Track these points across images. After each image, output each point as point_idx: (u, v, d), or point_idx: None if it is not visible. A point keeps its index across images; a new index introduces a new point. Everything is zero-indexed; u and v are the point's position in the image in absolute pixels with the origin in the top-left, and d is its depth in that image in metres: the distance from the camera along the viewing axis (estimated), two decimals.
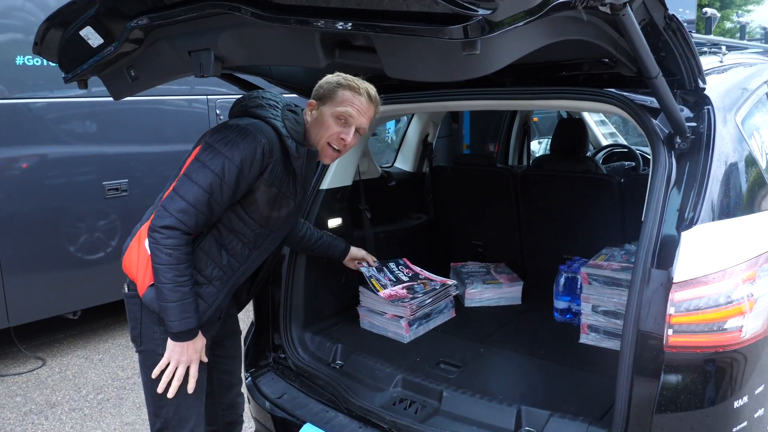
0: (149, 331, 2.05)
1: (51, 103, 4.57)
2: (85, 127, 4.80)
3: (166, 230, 1.86)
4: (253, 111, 2.03)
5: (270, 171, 1.98)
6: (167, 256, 1.86)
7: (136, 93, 2.02)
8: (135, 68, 1.85)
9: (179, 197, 1.89)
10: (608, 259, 2.73)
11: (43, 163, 4.58)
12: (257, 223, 2.06)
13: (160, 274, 1.88)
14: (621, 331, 2.55)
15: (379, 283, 2.89)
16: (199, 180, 1.89)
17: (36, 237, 4.52)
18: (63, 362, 4.75)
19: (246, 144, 1.90)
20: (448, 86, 2.60)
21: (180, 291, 1.89)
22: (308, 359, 2.79)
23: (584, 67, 2.22)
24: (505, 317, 3.09)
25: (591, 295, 2.67)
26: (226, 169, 1.89)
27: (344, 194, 3.11)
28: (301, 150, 2.02)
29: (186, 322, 1.93)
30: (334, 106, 2.05)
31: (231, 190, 1.92)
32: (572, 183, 3.38)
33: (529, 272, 3.62)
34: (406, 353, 2.73)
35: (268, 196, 2.02)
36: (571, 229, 3.42)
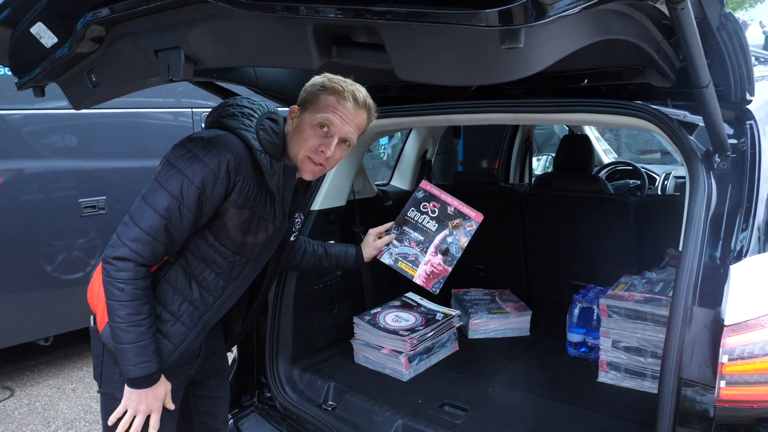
0: (109, 372, 1.82)
1: (26, 115, 4.28)
2: (62, 141, 4.52)
3: (118, 261, 1.61)
4: (223, 122, 1.76)
5: (238, 191, 1.70)
6: (119, 291, 1.61)
7: (99, 102, 1.76)
8: (96, 72, 1.58)
9: (133, 224, 1.64)
10: (628, 289, 2.48)
11: (13, 178, 4.28)
12: (230, 250, 1.78)
13: (113, 312, 1.63)
14: (645, 369, 2.37)
15: (407, 260, 2.34)
16: (155, 203, 1.63)
17: (4, 257, 4.20)
18: (33, 392, 4.42)
19: (208, 160, 1.63)
20: (454, 97, 2.36)
21: (135, 331, 1.63)
22: (297, 399, 2.51)
23: (608, 76, 1.98)
24: (513, 351, 2.83)
25: (611, 329, 2.42)
26: (184, 190, 1.62)
27: (337, 215, 2.85)
28: (276, 166, 1.73)
29: (142, 367, 1.66)
30: (315, 113, 1.76)
31: (192, 215, 1.65)
32: (583, 204, 3.14)
33: (535, 300, 3.36)
34: (406, 393, 2.46)
35: (240, 219, 1.74)
36: (581, 254, 3.17)
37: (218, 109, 1.80)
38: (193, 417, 2.11)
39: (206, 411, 2.14)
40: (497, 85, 2.26)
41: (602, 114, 1.94)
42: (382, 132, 2.83)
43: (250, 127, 1.73)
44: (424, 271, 2.30)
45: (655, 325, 2.31)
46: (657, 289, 2.44)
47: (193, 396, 2.07)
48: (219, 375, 2.15)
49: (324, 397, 2.50)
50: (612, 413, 2.21)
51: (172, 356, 1.77)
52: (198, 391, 2.08)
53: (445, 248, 2.31)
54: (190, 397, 2.06)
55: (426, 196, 2.37)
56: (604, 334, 2.44)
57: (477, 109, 2.24)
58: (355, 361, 2.74)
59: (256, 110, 1.81)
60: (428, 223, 2.34)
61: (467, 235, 2.28)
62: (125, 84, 1.59)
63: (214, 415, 2.17)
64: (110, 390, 1.82)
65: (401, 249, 2.34)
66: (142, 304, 1.64)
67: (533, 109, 2.11)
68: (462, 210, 2.32)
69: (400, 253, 2.34)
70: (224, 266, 1.79)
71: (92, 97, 1.67)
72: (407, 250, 2.33)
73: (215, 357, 2.08)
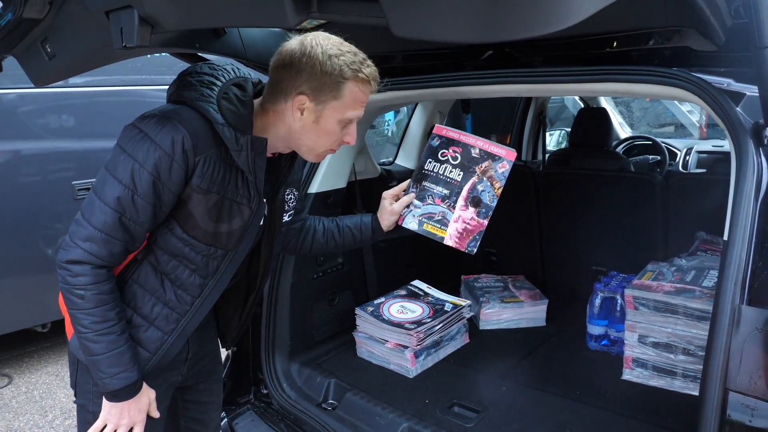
0: (83, 382, 1.62)
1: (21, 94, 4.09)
2: (55, 121, 4.34)
3: (72, 266, 1.39)
4: (180, 93, 1.50)
5: (200, 173, 1.44)
6: (79, 299, 1.40)
7: (60, 77, 1.55)
8: (50, 43, 1.36)
9: (84, 221, 1.41)
10: (656, 278, 2.25)
11: (7, 160, 4.11)
12: (201, 242, 1.53)
13: (77, 322, 1.42)
14: (675, 367, 2.15)
15: (433, 221, 1.91)
16: (106, 196, 1.40)
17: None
18: (31, 380, 4.30)
19: (160, 140, 1.39)
20: (463, 68, 2.12)
21: (104, 340, 1.43)
22: (295, 398, 2.33)
23: (639, 40, 1.73)
24: (528, 344, 2.62)
25: (638, 323, 2.20)
26: (136, 177, 1.39)
27: (337, 198, 2.63)
28: (242, 140, 1.47)
29: (120, 378, 1.47)
30: (341, 110, 1.50)
31: (149, 205, 1.42)
32: (603, 182, 2.90)
33: (551, 287, 3.15)
34: (411, 392, 2.27)
35: (207, 205, 1.49)
36: (601, 237, 2.94)
37: (176, 80, 1.55)
38: (181, 423, 1.91)
39: (195, 417, 1.94)
40: (511, 53, 2.02)
41: (633, 83, 1.69)
42: (384, 107, 2.60)
43: (209, 98, 1.47)
44: (455, 230, 1.87)
45: (687, 319, 2.09)
46: (688, 278, 2.21)
47: (181, 401, 1.87)
48: (211, 379, 1.92)
49: (324, 395, 2.31)
50: (640, 417, 2.01)
51: (148, 364, 1.57)
52: (187, 396, 1.88)
53: (477, 198, 1.87)
54: (177, 402, 1.86)
55: (443, 142, 1.95)
56: (630, 328, 2.22)
57: (488, 80, 2.00)
58: (358, 356, 2.55)
59: (219, 77, 1.53)
60: (451, 173, 1.90)
61: (501, 179, 1.84)
62: (84, 55, 1.36)
63: (203, 422, 1.96)
64: (83, 401, 1.63)
65: (425, 208, 1.92)
66: (107, 310, 1.43)
67: (552, 78, 1.86)
68: (489, 150, 1.87)
69: (424, 213, 1.92)
70: (198, 261, 1.55)
71: (50, 71, 1.45)
72: (432, 208, 1.91)
73: (206, 360, 1.86)
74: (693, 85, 1.55)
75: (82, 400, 1.63)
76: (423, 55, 2.22)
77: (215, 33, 2.03)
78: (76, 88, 4.34)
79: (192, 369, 1.78)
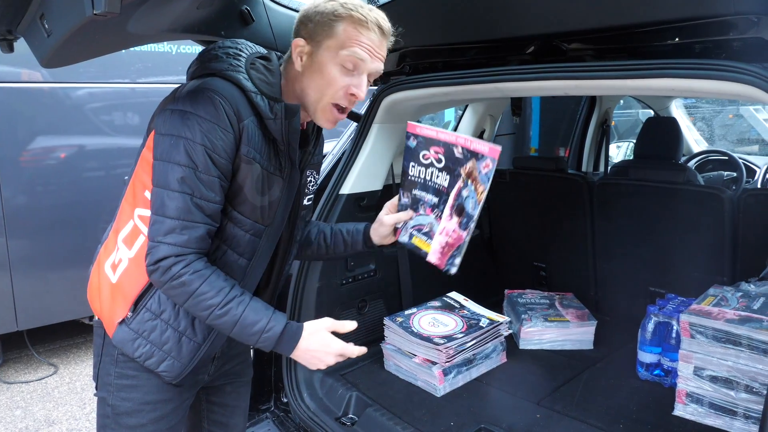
0: (104, 373, 1.58)
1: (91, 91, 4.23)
2: (115, 117, 4.44)
3: (161, 263, 1.35)
4: (206, 65, 1.46)
5: (246, 141, 1.40)
6: (180, 286, 1.36)
7: (67, 61, 1.49)
8: (47, 18, 1.29)
9: (159, 217, 1.36)
10: (718, 304, 2.00)
11: (57, 156, 4.22)
12: (248, 218, 1.48)
13: (196, 312, 1.40)
14: (736, 406, 1.89)
15: (422, 233, 1.68)
16: (169, 182, 1.35)
17: (56, 234, 4.17)
18: (75, 371, 4.38)
19: (203, 112, 1.34)
20: (508, 62, 1.95)
21: (228, 311, 1.38)
22: (314, 409, 2.21)
23: (705, 30, 1.51)
24: (571, 368, 2.39)
25: (694, 353, 1.95)
26: (192, 153, 1.34)
27: (371, 201, 2.49)
28: (276, 108, 1.44)
29: (268, 336, 1.41)
30: (336, 49, 1.43)
31: (215, 177, 1.37)
32: (665, 196, 2.64)
33: (602, 307, 2.90)
34: (437, 412, 2.10)
35: (254, 177, 1.44)
36: (661, 256, 2.68)
37: (199, 57, 1.50)
38: (203, 426, 1.84)
39: (219, 421, 1.85)
40: (558, 46, 1.84)
41: (696, 79, 1.48)
42: (424, 105, 2.44)
43: (238, 67, 1.44)
44: (439, 244, 1.63)
45: (752, 352, 1.83)
46: (756, 305, 1.95)
47: (205, 402, 1.81)
48: (239, 381, 1.85)
49: (344, 409, 2.17)
50: None
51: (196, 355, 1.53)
52: (212, 398, 1.81)
53: (461, 206, 1.60)
54: (202, 403, 1.80)
55: (420, 142, 1.69)
56: (685, 358, 1.97)
57: (532, 76, 1.82)
58: (385, 369, 2.40)
59: (242, 50, 1.50)
60: (438, 178, 1.65)
61: (484, 181, 1.54)
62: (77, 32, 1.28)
63: (227, 426, 1.87)
64: (103, 394, 1.58)
65: (416, 219, 1.70)
66: (214, 280, 1.38)
67: (601, 74, 1.67)
68: (471, 147, 1.57)
69: (416, 225, 1.70)
70: (244, 241, 1.50)
71: (49, 50, 1.38)
72: (423, 219, 1.69)
73: (235, 361, 1.79)
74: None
75: (102, 392, 1.59)
76: (463, 49, 2.07)
77: (243, 20, 1.95)
78: (139, 85, 4.44)
79: (220, 369, 1.72)
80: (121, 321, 1.50)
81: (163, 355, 1.50)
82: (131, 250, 1.48)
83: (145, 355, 1.50)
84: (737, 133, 9.92)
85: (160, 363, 1.51)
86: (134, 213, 1.47)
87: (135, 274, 1.47)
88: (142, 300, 1.49)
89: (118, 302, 1.51)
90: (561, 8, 1.74)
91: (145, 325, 1.49)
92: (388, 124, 2.42)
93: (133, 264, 1.47)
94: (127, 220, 1.49)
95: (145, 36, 1.70)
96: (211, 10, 1.82)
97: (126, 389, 1.56)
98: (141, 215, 1.46)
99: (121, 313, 1.50)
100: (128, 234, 1.48)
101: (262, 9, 1.99)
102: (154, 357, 1.50)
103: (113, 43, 1.54)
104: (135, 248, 1.47)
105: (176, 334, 1.50)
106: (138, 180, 1.48)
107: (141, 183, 1.46)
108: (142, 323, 1.49)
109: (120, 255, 1.50)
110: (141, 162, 1.48)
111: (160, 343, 1.49)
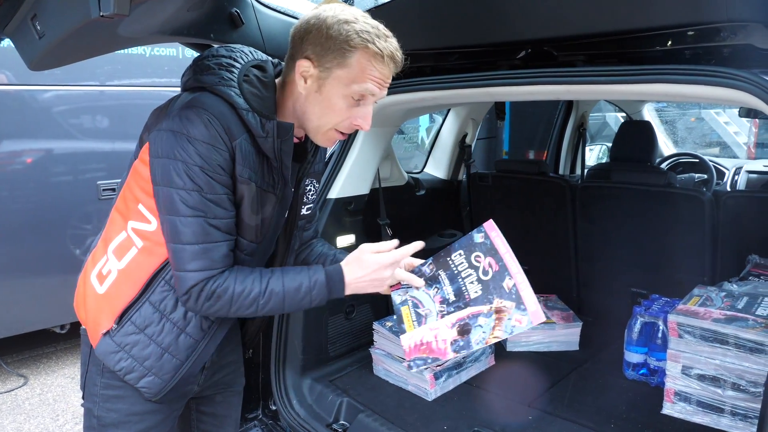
0: (90, 383, 1.54)
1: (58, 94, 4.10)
2: (84, 121, 4.32)
3: (193, 291, 1.34)
4: (198, 78, 1.40)
5: (240, 160, 1.35)
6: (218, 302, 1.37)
7: (54, 63, 1.44)
8: (39, 19, 1.25)
9: (179, 245, 1.33)
10: (704, 304, 2.04)
11: (23, 161, 4.08)
12: (244, 238, 1.45)
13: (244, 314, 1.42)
14: (723, 404, 1.93)
15: (416, 310, 1.54)
16: (178, 209, 1.31)
17: (22, 241, 4.02)
18: (46, 382, 4.24)
19: (195, 132, 1.29)
20: (498, 67, 1.96)
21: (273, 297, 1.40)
22: (304, 416, 2.18)
23: (694, 37, 1.55)
24: (559, 369, 2.41)
25: (682, 353, 1.99)
26: (193, 176, 1.30)
27: (359, 205, 2.48)
28: (268, 126, 1.38)
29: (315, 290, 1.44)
30: (347, 81, 1.35)
31: (222, 195, 1.34)
32: (647, 199, 2.69)
33: (585, 309, 2.95)
34: (430, 416, 2.09)
35: (250, 196, 1.40)
36: (643, 257, 2.73)
37: (192, 65, 1.44)
38: None
39: (209, 431, 1.81)
40: (549, 51, 1.85)
41: (693, 85, 1.51)
42: (412, 109, 2.44)
43: (230, 81, 1.36)
44: (421, 336, 1.49)
45: (739, 350, 1.87)
46: (740, 305, 2.00)
47: (195, 412, 1.76)
48: (230, 391, 1.81)
49: (335, 415, 2.16)
50: None
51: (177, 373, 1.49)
52: (202, 407, 1.77)
53: (468, 328, 1.47)
54: (192, 413, 1.76)
55: (487, 246, 1.54)
56: (673, 357, 2.01)
57: (523, 80, 1.83)
58: (374, 374, 2.39)
59: (237, 59, 1.43)
60: (471, 283, 1.51)
61: (507, 332, 1.42)
62: (72, 35, 1.24)
63: None
64: (89, 405, 1.55)
65: (421, 293, 1.55)
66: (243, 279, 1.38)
67: (595, 79, 1.69)
68: (522, 294, 1.43)
69: (416, 296, 1.56)
70: (237, 261, 1.45)
71: (42, 53, 1.34)
72: (426, 300, 1.54)
73: (226, 370, 1.75)
74: (760, 88, 1.36)
75: (88, 403, 1.55)
76: (454, 54, 2.08)
77: (232, 23, 1.92)
78: (109, 88, 4.33)
79: (210, 379, 1.68)
80: (105, 332, 1.47)
81: (143, 370, 1.47)
82: (121, 261, 1.44)
83: (126, 369, 1.47)
84: (699, 136, 10.22)
85: (140, 379, 1.48)
86: (127, 225, 1.43)
87: (124, 286, 1.44)
88: (128, 313, 1.46)
89: (103, 313, 1.47)
90: (552, 14, 1.76)
91: (128, 338, 1.46)
92: (375, 128, 2.41)
93: (123, 276, 1.44)
94: (119, 231, 1.45)
95: (135, 38, 1.67)
96: (201, 12, 1.79)
97: (112, 400, 1.52)
98: (135, 228, 1.42)
99: (106, 325, 1.47)
100: (119, 245, 1.44)
101: (251, 12, 1.96)
102: (135, 372, 1.47)
103: (102, 46, 1.51)
104: (126, 260, 1.43)
105: (159, 350, 1.47)
106: (130, 192, 1.43)
107: (133, 197, 1.42)
108: (126, 336, 1.46)
109: (109, 266, 1.46)
110: (133, 174, 1.43)
111: (142, 358, 1.46)
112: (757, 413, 1.86)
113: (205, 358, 1.55)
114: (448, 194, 3.36)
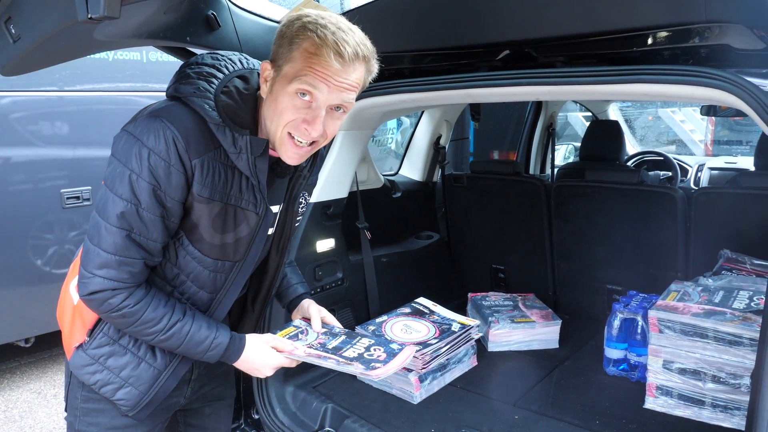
0: (72, 396, 1.52)
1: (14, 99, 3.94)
2: (43, 127, 4.17)
3: (96, 296, 1.29)
4: (177, 87, 1.33)
5: (199, 179, 1.28)
6: (121, 318, 1.33)
7: (29, 68, 1.38)
8: (14, 22, 1.20)
9: (94, 247, 1.28)
10: (682, 299, 2.09)
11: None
12: (207, 256, 1.38)
13: (140, 336, 1.39)
14: (704, 396, 1.97)
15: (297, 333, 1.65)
16: (109, 215, 1.26)
17: None
18: (11, 397, 4.09)
19: (152, 143, 1.23)
20: (477, 69, 1.97)
21: (174, 333, 1.36)
22: (288, 424, 2.14)
23: (677, 37, 1.58)
24: (541, 368, 2.44)
25: (663, 348, 2.02)
26: (135, 188, 1.24)
27: (337, 209, 2.46)
28: (240, 142, 1.29)
29: (213, 352, 1.42)
30: (291, 77, 1.24)
31: (157, 217, 1.27)
32: (620, 197, 2.74)
33: (562, 306, 2.98)
34: (416, 419, 2.09)
35: (211, 215, 1.33)
36: (617, 254, 2.78)
37: (177, 72, 1.39)
38: None
39: None
40: (529, 53, 1.87)
41: (667, 84, 1.54)
42: (390, 111, 2.43)
43: (206, 93, 1.29)
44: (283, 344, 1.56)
45: (718, 343, 1.92)
46: (717, 299, 2.05)
47: (183, 425, 1.73)
48: (219, 403, 1.77)
49: (320, 422, 2.13)
50: None
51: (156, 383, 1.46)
52: (190, 420, 1.73)
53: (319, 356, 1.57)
54: (179, 425, 1.72)
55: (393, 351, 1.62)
56: (654, 352, 2.04)
57: (504, 82, 1.84)
58: (358, 379, 2.36)
59: (222, 68, 1.35)
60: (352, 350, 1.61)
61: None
62: (50, 39, 1.19)
63: None
64: (71, 419, 1.52)
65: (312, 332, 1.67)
66: (155, 308, 1.34)
67: (576, 80, 1.70)
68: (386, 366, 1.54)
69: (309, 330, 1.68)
70: (205, 278, 1.41)
71: (17, 57, 1.28)
72: (312, 336, 1.65)
73: (215, 383, 1.70)
74: (738, 87, 1.39)
75: (70, 417, 1.53)
76: (433, 56, 2.07)
77: (209, 26, 1.88)
78: (70, 93, 4.20)
79: (198, 391, 1.64)
80: (78, 345, 1.44)
81: (120, 381, 1.43)
82: None
83: (102, 382, 1.44)
84: (657, 134, 10.50)
85: (116, 390, 1.44)
86: None
87: None
88: (99, 325, 1.43)
89: (76, 326, 1.45)
90: (532, 15, 1.77)
91: (102, 350, 1.43)
92: (353, 131, 2.40)
93: None
94: None
95: (110, 42, 1.62)
96: (177, 15, 1.75)
97: (92, 414, 1.49)
98: None
99: (79, 338, 1.44)
100: None
101: (228, 15, 1.93)
102: (111, 384, 1.44)
103: (77, 50, 1.46)
104: None
105: (135, 359, 1.44)
106: None
107: None
108: (99, 348, 1.43)
109: None
110: None
111: (118, 368, 1.43)
112: (737, 404, 1.91)
113: (184, 368, 1.51)
114: (423, 196, 3.37)
